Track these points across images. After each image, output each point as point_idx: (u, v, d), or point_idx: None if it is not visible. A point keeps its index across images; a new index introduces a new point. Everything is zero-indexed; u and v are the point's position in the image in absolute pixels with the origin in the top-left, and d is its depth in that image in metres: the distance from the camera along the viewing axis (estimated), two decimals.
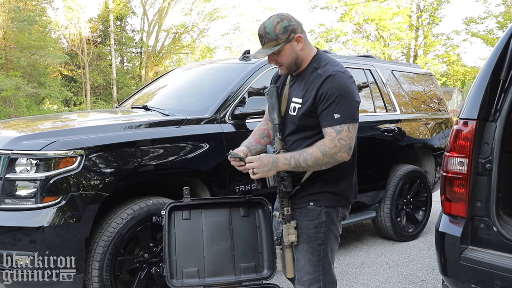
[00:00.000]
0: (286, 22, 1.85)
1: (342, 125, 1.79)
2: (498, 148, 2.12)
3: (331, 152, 1.79)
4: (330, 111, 1.80)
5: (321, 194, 1.93)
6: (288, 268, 1.99)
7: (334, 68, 1.87)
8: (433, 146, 4.88)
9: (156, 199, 2.78)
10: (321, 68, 1.89)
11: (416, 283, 3.45)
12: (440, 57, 27.11)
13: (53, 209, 2.42)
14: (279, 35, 1.84)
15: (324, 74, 1.84)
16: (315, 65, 1.92)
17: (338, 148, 1.79)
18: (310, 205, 1.94)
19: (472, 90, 2.23)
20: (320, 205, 1.93)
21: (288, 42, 1.86)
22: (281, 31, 1.84)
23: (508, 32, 2.23)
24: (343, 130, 1.79)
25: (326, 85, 1.81)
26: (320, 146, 1.81)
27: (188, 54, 31.80)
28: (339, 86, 1.81)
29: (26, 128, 3.10)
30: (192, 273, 2.47)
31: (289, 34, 1.85)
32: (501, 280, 1.94)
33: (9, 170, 2.47)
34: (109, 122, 3.22)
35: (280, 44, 1.85)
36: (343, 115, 1.79)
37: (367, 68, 4.44)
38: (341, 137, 1.79)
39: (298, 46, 1.89)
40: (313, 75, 1.89)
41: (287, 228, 1.92)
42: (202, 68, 4.44)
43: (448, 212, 2.21)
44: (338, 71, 1.84)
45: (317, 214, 1.93)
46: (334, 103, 1.79)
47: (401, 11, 26.13)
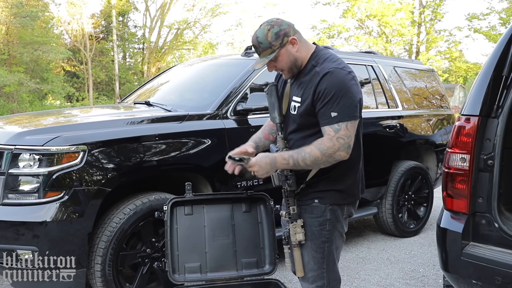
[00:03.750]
0: (277, 28, 1.82)
1: (340, 124, 1.75)
2: (500, 144, 2.11)
3: (329, 151, 1.76)
4: (327, 110, 1.77)
5: (327, 192, 1.91)
6: (298, 267, 1.95)
7: (332, 64, 1.83)
8: (435, 142, 4.87)
9: (158, 194, 2.78)
10: (319, 65, 1.85)
11: (417, 278, 3.45)
12: (443, 54, 26.99)
13: (56, 204, 2.42)
14: (272, 42, 1.82)
15: (322, 72, 1.80)
16: (313, 63, 1.89)
17: (337, 147, 1.76)
18: (315, 202, 1.92)
19: (475, 86, 2.22)
20: (325, 203, 1.91)
21: (283, 46, 1.84)
22: (273, 37, 1.82)
23: (511, 28, 2.22)
24: (341, 129, 1.76)
25: (323, 82, 1.78)
26: (319, 145, 1.78)
27: (190, 50, 31.76)
28: (336, 83, 1.77)
29: (29, 123, 3.10)
30: (194, 268, 2.47)
31: (282, 38, 1.83)
32: (502, 276, 1.94)
33: (12, 165, 2.47)
34: (112, 117, 3.22)
35: (276, 51, 1.84)
36: (341, 113, 1.75)
37: (369, 64, 4.43)
38: (340, 135, 1.76)
39: (293, 48, 1.86)
40: (311, 73, 1.86)
41: (294, 227, 1.90)
42: (204, 64, 4.44)
43: (450, 208, 2.21)
44: (335, 68, 1.80)
45: (322, 211, 1.92)
46: (331, 101, 1.76)
47: (403, 7, 26.03)
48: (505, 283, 1.93)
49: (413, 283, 3.37)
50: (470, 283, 2.08)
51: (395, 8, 25.88)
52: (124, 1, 29.25)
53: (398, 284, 3.33)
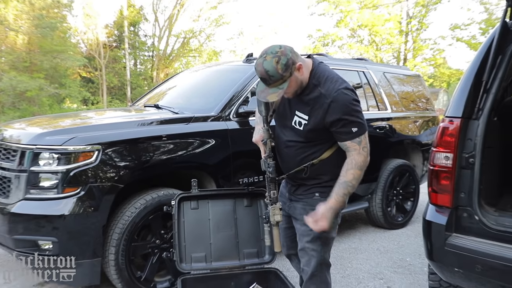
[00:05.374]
0: (284, 59, 1.74)
1: (360, 137, 1.82)
2: (481, 144, 2.12)
3: (364, 164, 1.84)
4: (347, 128, 1.80)
5: (325, 188, 1.96)
6: (276, 243, 2.02)
7: (334, 85, 1.82)
8: (421, 142, 4.87)
9: (166, 190, 2.79)
10: (321, 85, 1.84)
11: (404, 267, 3.45)
12: (428, 60, 26.94)
13: (73, 199, 2.43)
14: (283, 73, 1.75)
15: (328, 96, 1.79)
16: (314, 81, 1.86)
17: (366, 157, 1.84)
18: (315, 196, 1.99)
19: (457, 90, 2.23)
20: (324, 197, 1.94)
21: (292, 75, 1.79)
22: (283, 69, 1.74)
23: (490, 37, 2.23)
24: (362, 140, 1.82)
25: (334, 110, 1.78)
26: (355, 165, 1.82)
27: (196, 57, 31.72)
28: (346, 108, 1.78)
29: (48, 125, 3.10)
30: (199, 258, 2.48)
31: (291, 68, 1.77)
32: (482, 264, 1.94)
33: (33, 163, 2.48)
34: (124, 119, 3.22)
35: (287, 81, 1.78)
36: (359, 128, 1.81)
37: (361, 70, 4.43)
38: (363, 146, 1.83)
39: (299, 73, 1.81)
40: (315, 93, 1.84)
41: (273, 209, 1.96)
42: (209, 70, 4.43)
43: (434, 203, 2.21)
44: (339, 91, 1.79)
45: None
46: (348, 122, 1.79)
47: (392, 17, 26.01)
48: (484, 270, 1.94)
49: (400, 271, 3.37)
50: (452, 271, 2.08)
51: (384, 18, 25.88)
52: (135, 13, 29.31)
53: (387, 272, 3.33)
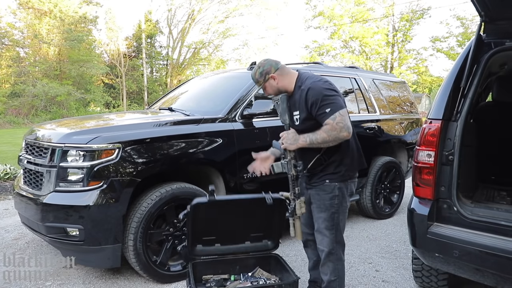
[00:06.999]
0: (261, 69, 2.10)
1: (335, 114, 1.90)
2: (459, 143, 2.12)
3: (333, 133, 1.90)
4: (322, 110, 1.93)
5: (334, 174, 2.08)
6: (298, 233, 2.09)
7: (311, 80, 2.03)
8: (406, 141, 4.85)
9: (179, 184, 2.78)
10: (303, 84, 2.04)
11: (391, 253, 3.44)
12: (412, 69, 26.94)
13: (97, 191, 2.44)
14: (259, 79, 2.12)
15: (305, 88, 2.00)
16: (299, 84, 2.08)
17: (339, 130, 1.89)
18: (326, 182, 2.09)
19: (438, 95, 2.23)
20: (334, 182, 2.08)
21: (266, 81, 2.10)
22: (259, 76, 2.11)
23: (466, 49, 2.25)
24: (337, 117, 1.90)
25: (310, 96, 1.97)
26: (325, 129, 1.93)
27: (205, 65, 31.79)
28: (318, 91, 1.95)
29: (75, 125, 3.11)
30: (209, 242, 2.48)
31: (265, 76, 2.09)
32: (459, 249, 1.95)
33: (62, 160, 2.50)
34: (141, 121, 3.23)
35: (262, 85, 2.13)
36: (332, 107, 1.91)
37: (352, 77, 4.42)
38: (337, 121, 1.90)
39: (274, 82, 2.09)
40: (299, 92, 2.05)
41: (299, 202, 2.06)
42: (217, 76, 4.43)
43: (418, 195, 2.21)
44: (314, 82, 2.00)
45: (331, 189, 2.08)
46: (322, 104, 1.93)
47: (380, 30, 26.01)
48: (461, 255, 1.95)
49: (387, 256, 3.36)
50: (433, 256, 2.08)
51: (373, 31, 25.90)
52: (151, 26, 29.40)
53: (376, 257, 3.32)
